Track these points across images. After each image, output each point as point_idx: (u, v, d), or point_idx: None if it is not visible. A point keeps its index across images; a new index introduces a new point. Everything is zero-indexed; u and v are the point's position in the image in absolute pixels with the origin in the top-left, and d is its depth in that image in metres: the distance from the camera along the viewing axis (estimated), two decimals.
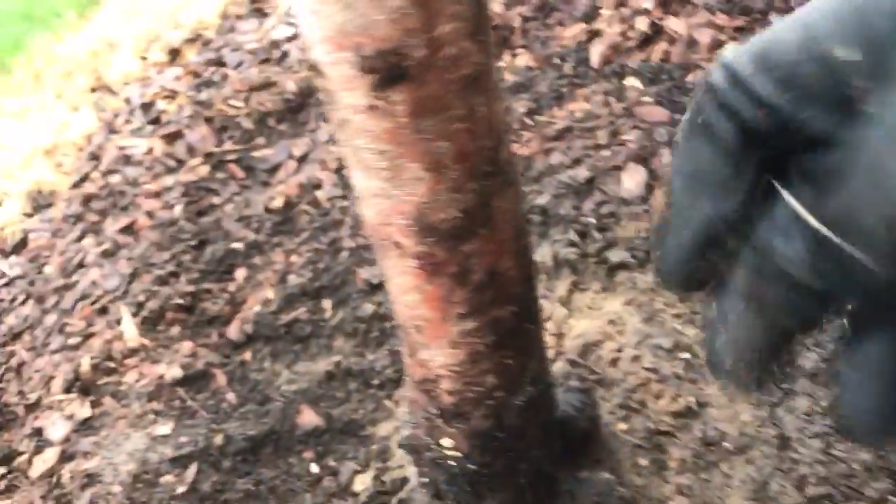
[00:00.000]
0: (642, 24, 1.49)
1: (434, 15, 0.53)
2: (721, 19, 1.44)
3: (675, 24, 1.46)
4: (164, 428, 1.29)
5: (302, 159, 1.69)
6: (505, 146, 0.64)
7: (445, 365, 0.76)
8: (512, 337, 0.76)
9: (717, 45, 1.42)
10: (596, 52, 1.48)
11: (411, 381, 0.82)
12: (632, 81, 1.45)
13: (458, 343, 0.74)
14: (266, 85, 1.86)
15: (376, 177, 0.63)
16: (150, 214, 1.68)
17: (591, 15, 1.61)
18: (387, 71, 0.56)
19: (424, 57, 0.55)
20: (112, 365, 1.41)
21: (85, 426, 1.34)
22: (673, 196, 0.35)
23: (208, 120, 1.85)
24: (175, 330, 1.44)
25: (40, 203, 1.89)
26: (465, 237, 0.67)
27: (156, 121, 2.06)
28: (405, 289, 0.72)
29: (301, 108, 1.81)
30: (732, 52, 0.33)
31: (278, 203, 1.59)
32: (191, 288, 1.48)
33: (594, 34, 1.56)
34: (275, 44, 2.15)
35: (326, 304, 1.43)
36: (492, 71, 0.61)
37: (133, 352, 1.42)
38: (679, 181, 0.35)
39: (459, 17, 0.55)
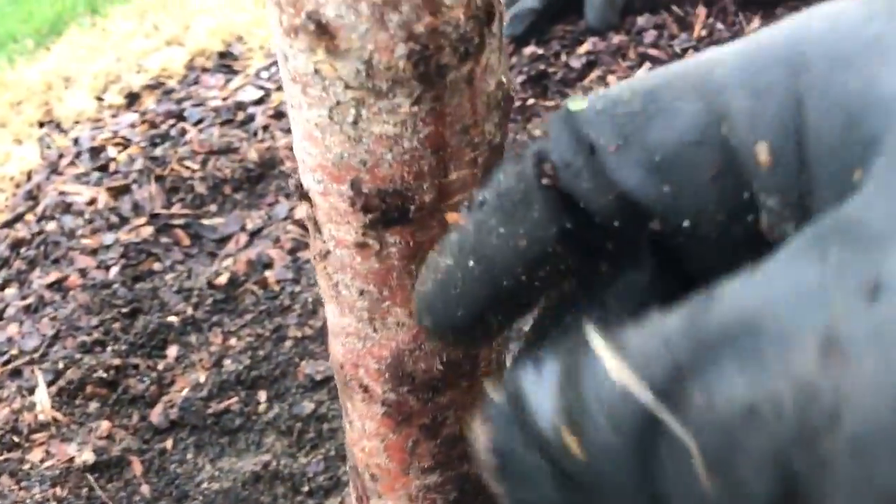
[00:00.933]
0: None
1: (449, 160, 0.47)
2: None
3: None
4: None
5: (255, 234, 1.60)
6: None
7: None
8: (477, 494, 0.69)
9: None
10: None
11: None
12: None
13: (417, 497, 0.67)
14: (226, 150, 1.78)
15: (353, 315, 0.56)
16: (83, 273, 1.56)
17: None
18: (385, 211, 0.49)
19: (431, 201, 0.49)
20: (16, 439, 1.28)
21: None
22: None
23: (159, 178, 1.75)
24: (93, 406, 1.32)
25: None
26: (444, 389, 0.60)
27: (103, 168, 1.96)
28: (366, 434, 0.65)
29: (261, 178, 1.73)
30: (581, 103, 0.25)
31: (223, 279, 1.49)
32: (116, 361, 1.37)
33: None
34: (240, 105, 2.08)
35: (262, 395, 1.33)
36: None
37: (43, 426, 1.29)
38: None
39: (476, 163, 0.49)
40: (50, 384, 1.35)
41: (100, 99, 2.45)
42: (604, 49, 1.79)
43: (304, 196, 0.51)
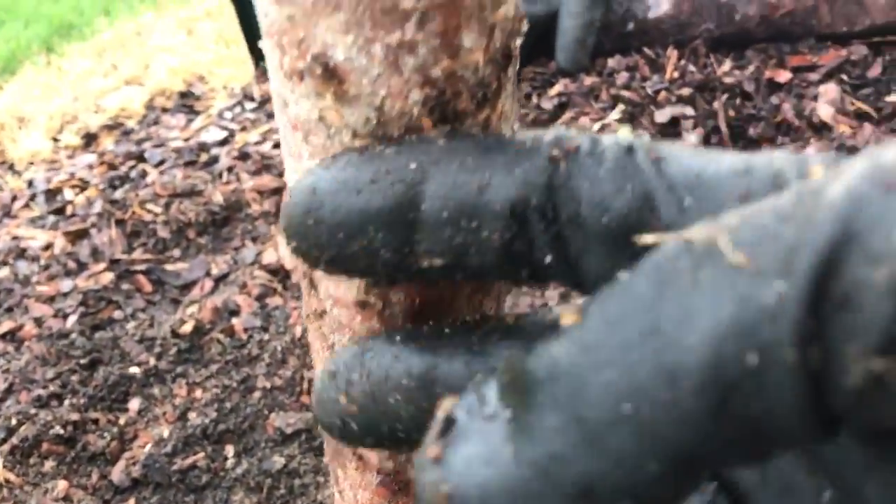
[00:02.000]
0: None
1: None
2: None
3: None
4: None
5: (220, 279, 1.54)
6: None
7: None
8: None
9: None
10: None
11: None
12: None
13: None
14: (190, 192, 1.72)
15: None
16: (38, 322, 1.49)
17: None
18: None
19: None
20: None
21: None
22: None
23: (120, 222, 1.69)
24: (49, 465, 1.24)
25: None
26: None
27: (60, 211, 1.89)
28: (360, 503, 0.60)
29: (226, 221, 1.68)
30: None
31: (188, 327, 1.43)
32: (74, 416, 1.30)
33: None
34: (203, 146, 2.02)
35: (229, 450, 1.27)
36: None
37: None
38: None
39: None
40: (2, 442, 1.28)
41: (56, 140, 2.38)
42: (575, 90, 1.77)
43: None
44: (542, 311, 0.33)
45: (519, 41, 0.40)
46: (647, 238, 0.22)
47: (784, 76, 1.70)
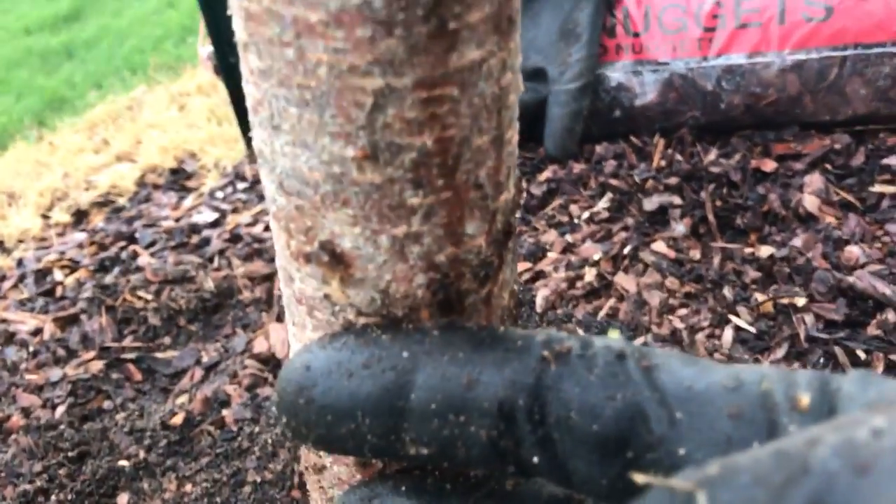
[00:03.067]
0: (590, 275, 1.45)
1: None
2: (671, 283, 1.41)
3: (623, 281, 1.42)
4: None
5: (211, 368, 1.53)
6: None
7: None
8: None
9: (666, 308, 1.38)
10: (541, 297, 1.42)
11: None
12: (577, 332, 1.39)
13: None
14: (181, 279, 1.72)
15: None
16: (26, 413, 1.47)
17: (536, 255, 1.57)
18: None
19: None
20: None
21: None
22: None
23: (110, 308, 1.68)
24: None
25: None
26: None
27: (49, 293, 1.88)
28: None
29: (217, 309, 1.67)
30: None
31: (177, 419, 1.41)
32: None
33: (538, 275, 1.51)
34: (194, 228, 2.03)
35: None
36: None
37: None
38: None
39: None
40: None
41: (46, 217, 2.38)
42: (564, 177, 1.80)
43: None
44: (539, 484, 0.34)
45: (518, 214, 0.41)
46: (640, 477, 0.23)
47: (769, 165, 1.73)
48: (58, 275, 1.96)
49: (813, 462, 0.17)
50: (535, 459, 0.27)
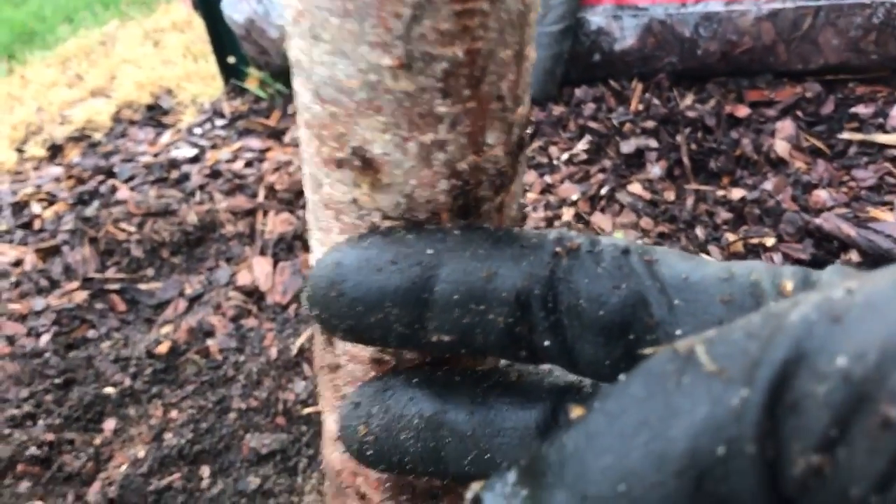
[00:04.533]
0: (568, 214, 1.48)
1: None
2: (646, 223, 1.45)
3: (600, 220, 1.46)
4: None
5: (195, 300, 1.56)
6: None
7: None
8: None
9: None
10: None
11: None
12: None
13: None
14: (164, 212, 1.73)
15: None
16: (10, 340, 1.49)
17: None
18: None
19: None
20: None
21: None
22: None
23: (92, 240, 1.69)
24: (24, 486, 1.25)
25: None
26: (442, 497, 0.59)
27: (27, 226, 1.88)
28: None
29: (200, 242, 1.69)
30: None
31: (163, 347, 1.44)
32: (50, 436, 1.30)
33: None
34: (174, 163, 2.03)
35: (205, 471, 1.28)
36: None
37: None
38: None
39: None
40: None
41: (20, 151, 2.37)
42: (544, 119, 1.82)
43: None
44: (542, 372, 0.38)
45: (529, 130, 0.44)
46: (646, 351, 0.27)
47: (743, 111, 1.77)
48: (35, 207, 1.96)
49: (795, 316, 0.21)
50: (547, 343, 0.31)
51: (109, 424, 1.34)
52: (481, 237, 0.34)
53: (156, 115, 2.43)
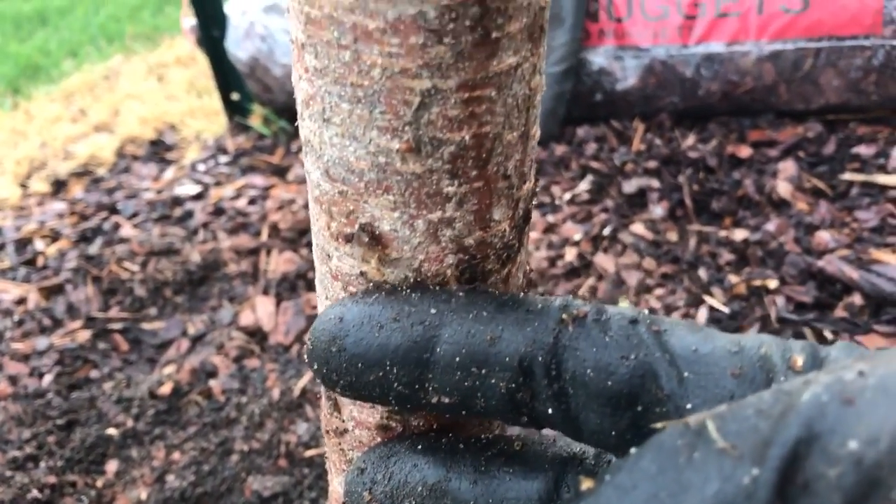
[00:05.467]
0: (570, 254, 1.49)
1: None
2: (649, 263, 1.46)
3: (603, 261, 1.46)
4: None
5: (197, 339, 1.56)
6: None
7: None
8: None
9: (644, 287, 1.42)
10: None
11: None
12: None
13: None
14: (167, 250, 1.74)
15: None
16: (13, 380, 1.49)
17: None
18: None
19: None
20: None
21: None
22: None
23: (95, 279, 1.70)
24: None
25: None
26: None
27: (31, 263, 1.89)
28: None
29: (203, 281, 1.69)
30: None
31: (165, 388, 1.44)
32: (51, 478, 1.30)
33: None
34: (177, 200, 2.04)
35: None
36: None
37: None
38: None
39: None
40: None
41: (24, 186, 2.38)
42: (546, 159, 1.83)
43: None
44: (546, 441, 0.38)
45: (535, 202, 0.45)
46: (657, 425, 0.27)
47: (745, 151, 1.78)
48: (39, 244, 1.96)
49: (807, 396, 0.21)
50: (550, 411, 0.31)
51: (112, 466, 1.34)
52: (485, 300, 0.34)
53: (159, 151, 2.44)
